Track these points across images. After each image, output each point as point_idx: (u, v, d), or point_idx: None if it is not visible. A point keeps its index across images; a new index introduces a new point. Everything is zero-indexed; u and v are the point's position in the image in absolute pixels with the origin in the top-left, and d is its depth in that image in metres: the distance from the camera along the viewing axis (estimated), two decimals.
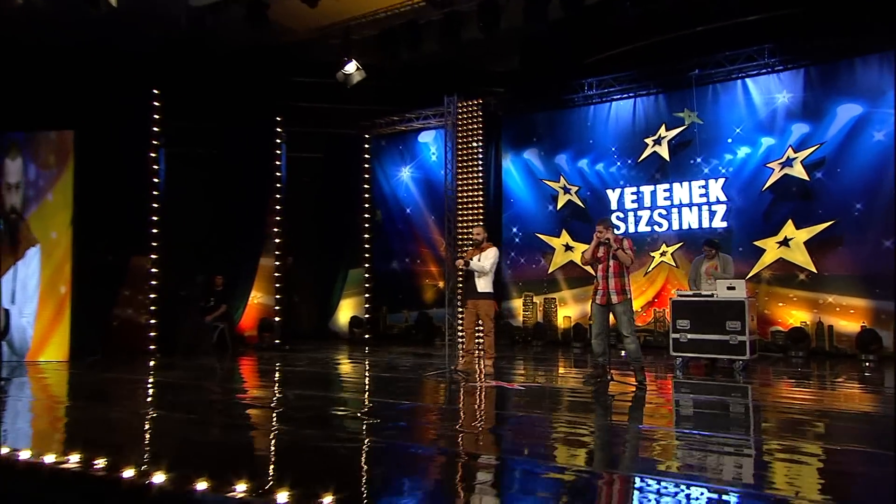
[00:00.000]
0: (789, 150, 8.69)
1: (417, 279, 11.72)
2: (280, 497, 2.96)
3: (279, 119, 10.70)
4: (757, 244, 8.88)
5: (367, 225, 11.93)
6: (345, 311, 11.99)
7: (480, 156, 10.60)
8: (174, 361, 8.39)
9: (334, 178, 11.88)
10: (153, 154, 9.23)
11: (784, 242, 8.70)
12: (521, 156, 10.95)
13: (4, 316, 8.34)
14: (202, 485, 3.16)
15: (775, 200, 8.83)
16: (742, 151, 9.08)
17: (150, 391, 6.52)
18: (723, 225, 9.15)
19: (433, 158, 11.55)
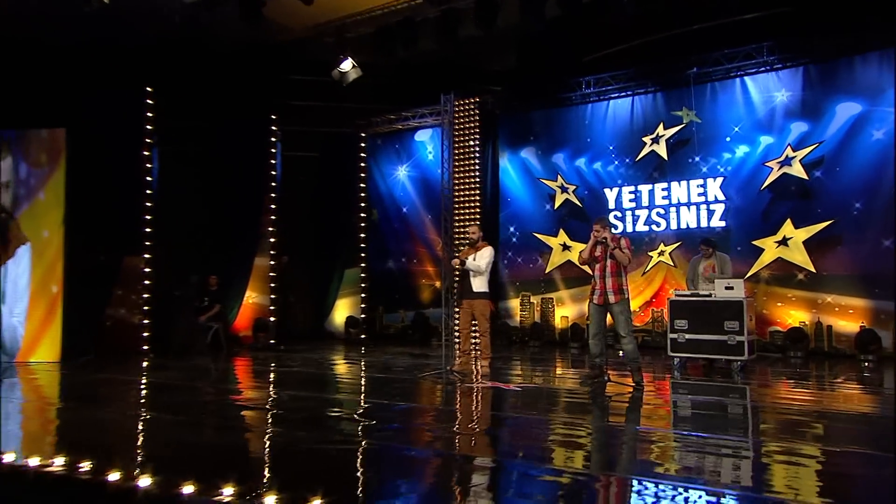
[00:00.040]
0: (788, 149, 8.65)
1: (414, 279, 11.66)
2: (269, 501, 2.91)
3: (274, 117, 10.63)
4: (755, 244, 8.84)
5: (363, 224, 11.88)
6: (341, 311, 11.92)
7: (477, 154, 10.54)
8: (168, 362, 8.31)
9: (330, 177, 11.81)
10: (146, 152, 9.15)
11: (783, 242, 8.66)
12: (519, 154, 10.89)
13: None
14: (189, 488, 3.10)
15: (774, 199, 8.79)
16: (740, 150, 9.04)
17: (142, 392, 6.45)
18: (721, 224, 9.10)
19: (430, 157, 11.48)
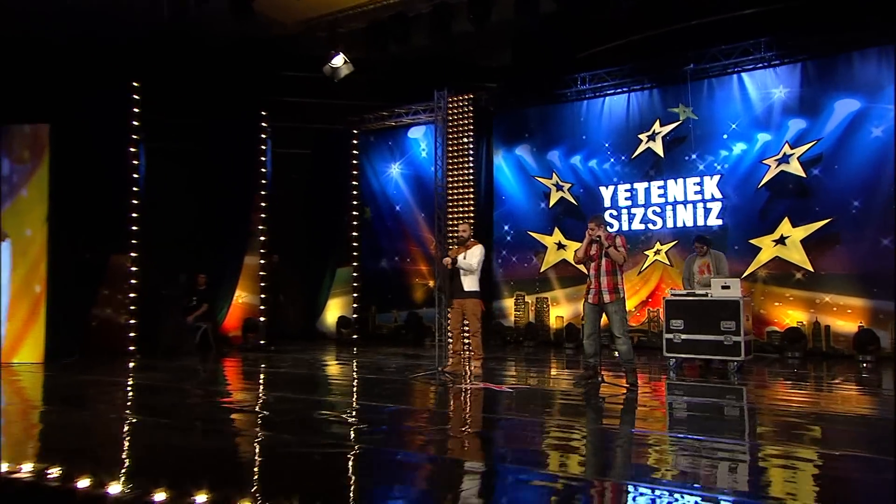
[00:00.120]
0: (786, 147, 8.54)
1: (407, 278, 11.51)
2: None
3: (264, 114, 10.47)
4: (752, 242, 8.73)
5: (356, 222, 11.74)
6: (332, 311, 11.77)
7: (471, 152, 10.41)
8: (155, 363, 8.17)
9: (322, 175, 11.67)
10: (133, 149, 8.97)
11: (780, 241, 8.55)
12: (513, 152, 10.76)
13: None
14: (164, 495, 3.00)
15: (771, 198, 8.69)
16: (738, 148, 8.93)
17: (127, 394, 6.31)
18: (718, 223, 8.99)
19: (423, 154, 11.33)
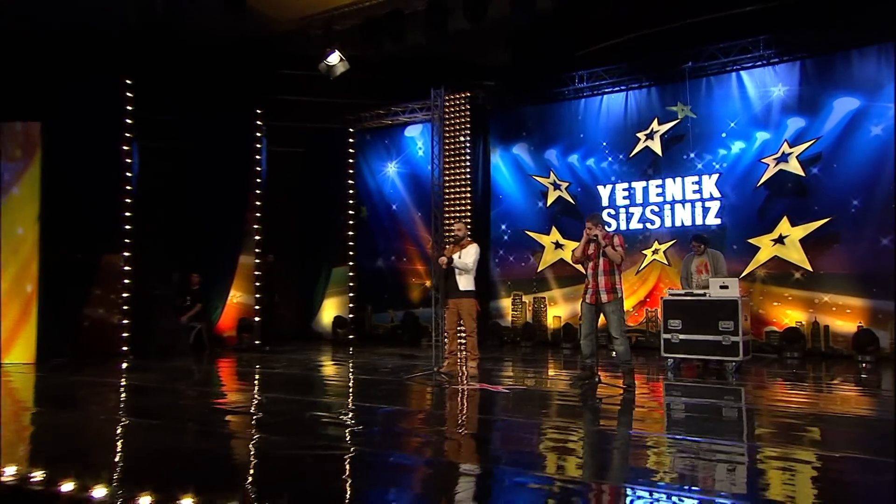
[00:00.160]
0: (785, 145, 8.48)
1: (403, 278, 11.43)
2: None
3: (259, 112, 10.37)
4: (751, 242, 8.67)
5: (352, 222, 11.66)
6: (328, 311, 11.69)
7: (468, 151, 10.33)
8: (148, 364, 8.09)
9: (317, 174, 11.58)
10: (126, 147, 8.87)
11: (779, 240, 8.49)
12: (510, 151, 10.68)
13: None
14: (149, 499, 2.93)
15: (770, 197, 8.63)
16: (736, 146, 8.87)
17: (118, 395, 6.23)
18: (716, 222, 8.92)
19: (420, 153, 11.25)
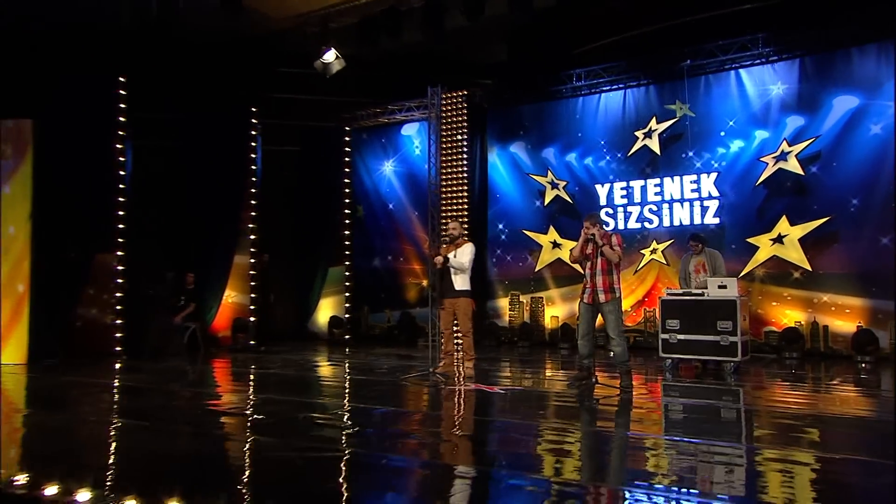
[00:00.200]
0: (784, 144, 8.42)
1: (400, 277, 11.36)
2: None
3: (254, 110, 10.29)
4: (750, 241, 8.61)
5: (348, 221, 11.59)
6: (324, 311, 11.61)
7: (465, 149, 10.27)
8: (141, 364, 8.02)
9: (313, 172, 11.51)
10: (119, 145, 8.79)
11: (778, 239, 8.43)
12: (508, 149, 10.61)
13: None
14: (133, 503, 2.91)
15: (769, 196, 8.57)
16: (735, 145, 8.80)
17: (110, 396, 6.17)
18: (715, 221, 8.86)
19: (416, 152, 11.17)
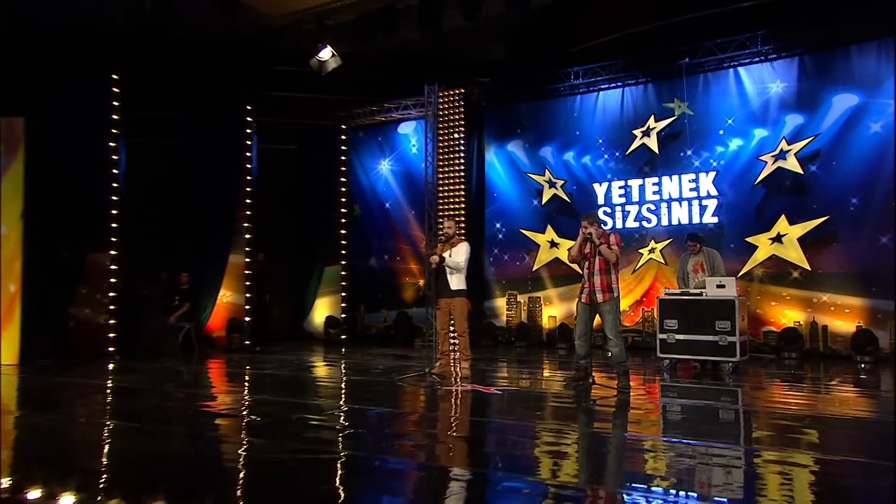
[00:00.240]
0: (783, 142, 8.36)
1: (397, 277, 11.28)
2: None
3: (249, 108, 10.19)
4: (749, 240, 8.56)
5: (344, 220, 11.50)
6: (320, 311, 11.53)
7: (462, 148, 10.19)
8: (135, 365, 7.95)
9: (309, 171, 11.43)
10: (112, 143, 8.71)
11: (777, 239, 8.37)
12: (505, 148, 10.54)
13: None
14: None
15: (768, 195, 8.51)
16: (734, 143, 8.74)
17: (102, 397, 6.10)
18: (713, 220, 8.80)
19: (413, 150, 11.10)
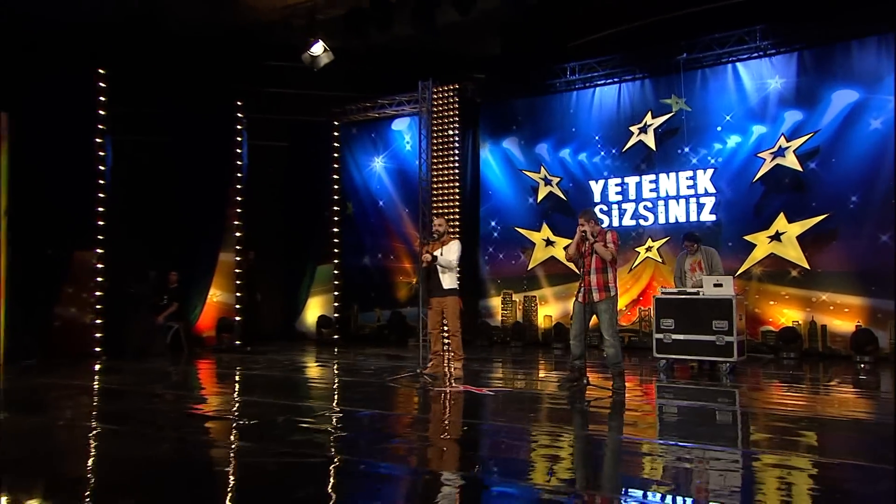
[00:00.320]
0: (781, 139, 8.25)
1: (390, 276, 11.14)
2: None
3: (240, 104, 10.04)
4: (747, 239, 8.44)
5: (337, 218, 11.37)
6: (312, 310, 11.39)
7: (457, 145, 10.06)
8: (122, 365, 7.79)
9: (301, 168, 11.28)
10: (99, 139, 8.55)
11: (775, 237, 8.26)
12: (500, 145, 10.40)
13: None
14: None
15: (766, 192, 8.39)
16: (732, 140, 8.63)
17: (88, 398, 5.95)
18: (711, 218, 8.68)
19: (407, 147, 10.95)
